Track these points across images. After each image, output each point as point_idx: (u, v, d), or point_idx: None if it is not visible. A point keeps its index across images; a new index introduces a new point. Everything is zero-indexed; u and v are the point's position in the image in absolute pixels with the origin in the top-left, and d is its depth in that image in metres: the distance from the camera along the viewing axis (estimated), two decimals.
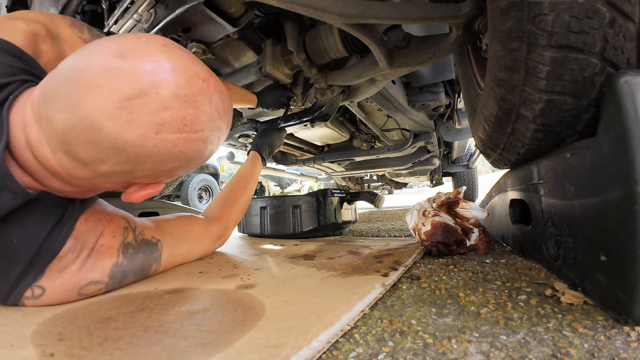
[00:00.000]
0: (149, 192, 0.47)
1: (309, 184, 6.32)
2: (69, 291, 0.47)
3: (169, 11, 0.62)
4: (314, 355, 0.30)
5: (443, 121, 1.40)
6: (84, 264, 0.48)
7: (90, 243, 0.49)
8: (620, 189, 0.33)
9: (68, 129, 0.37)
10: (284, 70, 0.82)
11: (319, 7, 0.55)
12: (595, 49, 0.37)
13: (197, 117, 0.41)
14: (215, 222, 0.77)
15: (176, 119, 0.40)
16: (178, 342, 0.34)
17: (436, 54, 0.63)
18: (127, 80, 0.37)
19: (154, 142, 0.39)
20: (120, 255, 0.52)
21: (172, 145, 0.41)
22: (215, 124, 0.45)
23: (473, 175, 3.08)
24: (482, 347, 0.32)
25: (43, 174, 0.43)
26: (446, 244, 0.70)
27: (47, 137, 0.39)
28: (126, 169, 0.41)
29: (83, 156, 0.39)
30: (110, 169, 0.41)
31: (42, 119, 0.39)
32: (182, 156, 0.43)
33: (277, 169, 2.26)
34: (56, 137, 0.39)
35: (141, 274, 0.57)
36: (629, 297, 0.32)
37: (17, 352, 0.33)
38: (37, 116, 0.40)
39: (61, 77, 0.38)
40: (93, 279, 0.49)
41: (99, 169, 0.41)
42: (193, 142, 0.42)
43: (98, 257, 0.49)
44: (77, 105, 0.36)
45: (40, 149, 0.41)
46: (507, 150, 0.58)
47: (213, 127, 0.45)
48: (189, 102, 0.40)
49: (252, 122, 1.17)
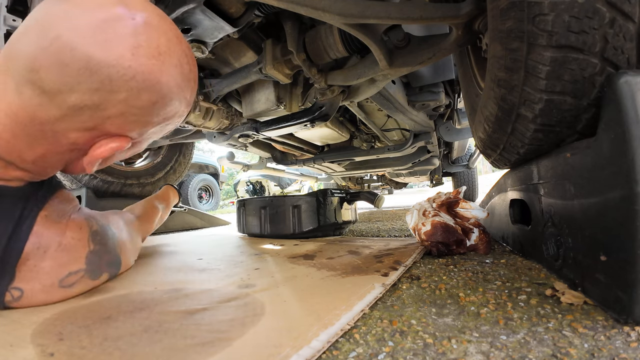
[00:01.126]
0: (116, 146, 0.44)
1: (309, 184, 6.31)
2: (50, 287, 0.46)
3: (169, 11, 0.62)
4: (314, 355, 0.30)
5: (443, 121, 1.40)
6: (55, 258, 0.47)
7: (56, 237, 0.47)
8: (620, 189, 0.33)
9: (38, 52, 0.36)
10: (284, 70, 0.82)
11: (318, 7, 0.55)
12: (595, 49, 0.37)
13: (170, 48, 0.42)
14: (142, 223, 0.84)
15: (151, 44, 0.40)
16: (178, 342, 0.34)
17: (436, 54, 0.63)
18: (103, 6, 0.38)
19: (129, 63, 0.38)
20: (90, 243, 0.52)
21: (147, 71, 0.40)
22: (185, 69, 0.44)
23: (473, 175, 3.08)
24: (482, 347, 0.32)
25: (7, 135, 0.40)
26: (446, 244, 0.70)
27: (13, 74, 0.38)
28: (97, 100, 0.39)
29: (51, 84, 0.37)
30: (80, 100, 0.38)
31: (9, 60, 0.39)
32: (157, 87, 0.41)
33: (277, 169, 2.26)
34: (24, 66, 0.37)
35: (113, 253, 0.59)
36: (629, 297, 0.32)
37: (17, 352, 0.33)
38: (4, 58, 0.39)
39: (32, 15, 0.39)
40: (72, 269, 0.49)
41: (67, 101, 0.38)
42: (167, 73, 0.42)
43: (70, 249, 0.49)
44: (49, 29, 0.37)
45: (5, 96, 0.39)
46: (507, 150, 0.58)
47: (184, 72, 0.44)
48: (162, 33, 0.41)
49: (252, 122, 1.17)
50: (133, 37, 0.38)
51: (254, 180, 6.48)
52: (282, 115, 1.05)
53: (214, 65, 0.97)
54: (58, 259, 0.47)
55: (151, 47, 0.40)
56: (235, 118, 1.20)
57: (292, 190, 6.86)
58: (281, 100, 1.00)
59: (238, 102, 1.12)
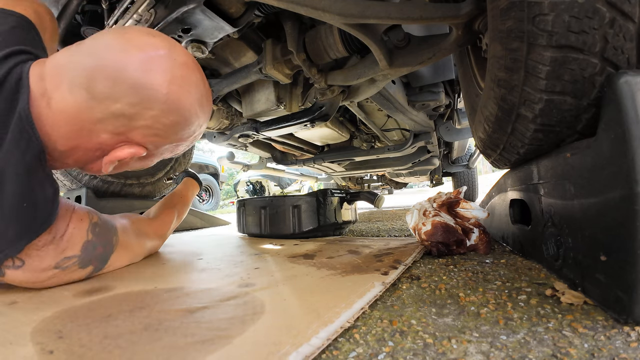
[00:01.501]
0: (134, 151, 0.52)
1: (309, 184, 6.32)
2: (47, 266, 0.52)
3: (169, 11, 0.62)
4: (314, 352, 0.30)
5: (443, 121, 1.40)
6: (58, 244, 0.53)
7: (62, 227, 0.54)
8: (620, 189, 0.33)
9: (97, 69, 0.46)
10: (284, 70, 0.82)
11: (318, 7, 0.55)
12: (595, 49, 0.37)
13: (197, 86, 0.53)
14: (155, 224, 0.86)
15: (184, 80, 0.51)
16: (178, 340, 0.34)
17: (436, 54, 0.63)
18: (153, 47, 0.49)
19: (166, 90, 0.49)
20: (89, 233, 0.58)
21: (177, 98, 0.50)
22: (204, 104, 0.55)
23: (473, 175, 3.08)
24: (482, 347, 0.32)
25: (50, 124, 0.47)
26: (446, 244, 0.70)
27: (71, 78, 0.46)
28: (133, 112, 0.48)
29: (102, 92, 0.46)
30: (121, 109, 0.47)
31: (69, 65, 0.47)
32: (181, 111, 0.51)
33: (277, 169, 2.26)
34: (82, 75, 0.46)
35: (107, 246, 0.63)
36: (629, 297, 0.32)
37: (16, 350, 0.33)
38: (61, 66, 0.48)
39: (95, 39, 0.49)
40: (67, 254, 0.55)
41: (111, 107, 0.47)
42: (191, 103, 0.52)
43: (70, 238, 0.55)
44: (110, 54, 0.47)
45: (57, 92, 0.47)
46: (507, 150, 0.58)
47: (203, 105, 0.55)
48: (193, 73, 0.53)
49: (252, 122, 1.17)
50: (171, 72, 0.49)
51: (254, 180, 6.48)
52: (282, 115, 1.05)
53: (214, 65, 0.97)
54: (60, 245, 0.54)
55: (183, 81, 0.51)
56: (235, 118, 1.20)
57: (292, 190, 6.86)
58: (281, 100, 1.00)
59: (238, 102, 1.12)
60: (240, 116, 1.21)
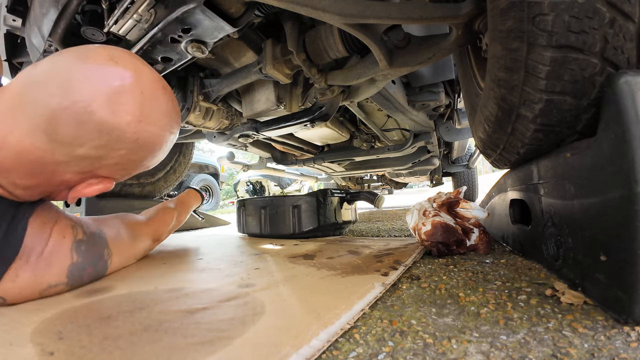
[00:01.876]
0: (103, 187, 0.50)
1: (309, 184, 6.31)
2: (30, 295, 0.48)
3: (169, 11, 0.62)
4: (314, 354, 0.30)
5: (443, 121, 1.40)
6: (35, 268, 0.47)
7: (38, 247, 0.48)
8: (620, 189, 0.33)
9: (59, 110, 0.41)
10: (284, 70, 0.82)
11: (318, 7, 0.55)
12: (595, 49, 0.37)
13: (169, 118, 0.50)
14: (151, 225, 0.83)
15: (153, 115, 0.47)
16: (178, 341, 0.34)
17: (436, 54, 0.63)
18: (119, 79, 0.44)
19: (135, 129, 0.45)
20: (74, 254, 0.53)
21: (148, 136, 0.47)
22: (174, 121, 0.53)
23: (473, 175, 3.09)
24: (482, 347, 0.32)
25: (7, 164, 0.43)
26: (446, 244, 0.70)
27: (28, 119, 0.42)
28: (100, 153, 0.45)
29: (65, 136, 0.42)
30: (86, 153, 0.44)
31: (25, 103, 0.42)
32: (151, 147, 0.49)
33: (277, 169, 2.26)
34: (42, 117, 0.41)
35: (98, 264, 0.58)
36: (629, 297, 0.32)
37: (16, 351, 0.33)
38: (15, 103, 0.43)
39: (54, 67, 0.43)
40: (51, 282, 0.49)
41: (75, 152, 0.44)
42: (162, 138, 0.50)
43: (51, 260, 0.49)
44: (71, 91, 0.41)
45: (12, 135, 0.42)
46: (507, 150, 0.58)
47: (174, 124, 0.53)
48: (163, 104, 0.49)
49: (252, 122, 1.17)
50: (140, 109, 0.45)
51: (254, 180, 6.48)
52: (282, 115, 1.05)
53: (214, 65, 0.97)
54: (38, 269, 0.48)
55: (153, 117, 0.47)
56: (235, 118, 1.20)
57: (292, 190, 6.86)
58: (281, 100, 1.00)
59: (238, 102, 1.12)
60: (240, 116, 1.21)
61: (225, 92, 0.97)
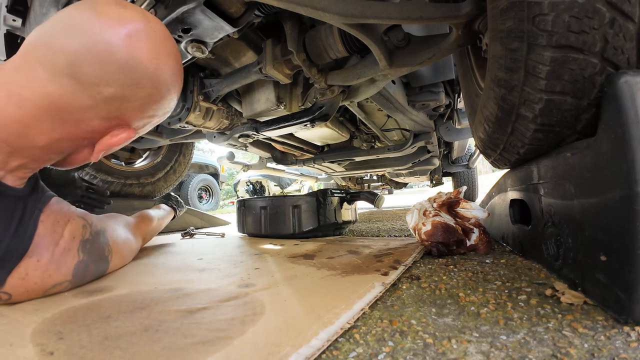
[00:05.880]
0: (126, 136, 0.49)
1: (309, 184, 6.31)
2: (35, 294, 0.49)
3: (169, 11, 0.62)
4: (314, 354, 0.30)
5: (443, 121, 1.40)
6: (45, 269, 0.48)
7: (50, 247, 0.49)
8: (620, 189, 0.33)
9: (82, 51, 0.41)
10: (284, 70, 0.82)
11: (318, 7, 0.55)
12: (595, 49, 0.37)
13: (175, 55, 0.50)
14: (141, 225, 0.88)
15: (168, 50, 0.48)
16: (178, 341, 0.34)
17: (436, 54, 0.63)
18: (132, 20, 0.44)
19: (156, 64, 0.46)
20: (80, 253, 0.54)
21: (162, 72, 0.47)
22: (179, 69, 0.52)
23: (473, 175, 3.09)
24: (482, 347, 0.32)
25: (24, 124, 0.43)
26: (446, 244, 0.70)
27: (49, 68, 0.42)
28: (126, 93, 0.45)
29: (91, 76, 0.42)
30: (113, 93, 0.44)
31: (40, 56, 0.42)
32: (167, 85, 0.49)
33: (277, 169, 2.26)
34: (65, 62, 0.41)
35: (100, 261, 0.60)
36: (629, 297, 0.32)
37: (16, 351, 0.33)
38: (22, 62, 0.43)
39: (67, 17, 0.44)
40: (58, 281, 0.51)
41: (102, 92, 0.43)
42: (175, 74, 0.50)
43: (61, 261, 0.50)
44: (91, 32, 0.42)
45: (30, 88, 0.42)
46: (507, 150, 0.58)
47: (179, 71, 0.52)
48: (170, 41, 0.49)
49: (252, 122, 1.17)
50: (154, 46, 0.46)
51: (254, 180, 6.48)
52: (282, 115, 1.05)
53: (214, 65, 0.97)
54: (49, 270, 0.49)
55: (165, 54, 0.48)
56: (235, 118, 1.20)
57: (292, 190, 6.86)
58: (281, 100, 1.00)
59: (238, 102, 1.12)
60: (240, 116, 1.21)
61: (225, 92, 0.97)
